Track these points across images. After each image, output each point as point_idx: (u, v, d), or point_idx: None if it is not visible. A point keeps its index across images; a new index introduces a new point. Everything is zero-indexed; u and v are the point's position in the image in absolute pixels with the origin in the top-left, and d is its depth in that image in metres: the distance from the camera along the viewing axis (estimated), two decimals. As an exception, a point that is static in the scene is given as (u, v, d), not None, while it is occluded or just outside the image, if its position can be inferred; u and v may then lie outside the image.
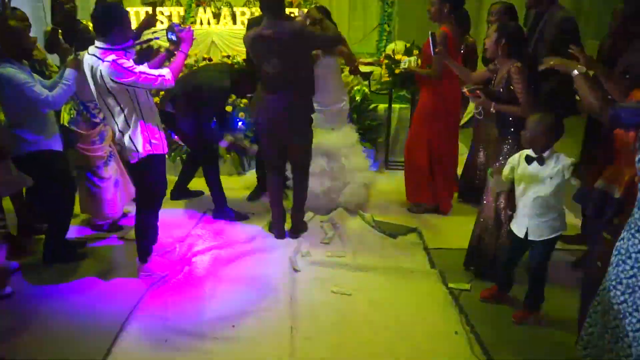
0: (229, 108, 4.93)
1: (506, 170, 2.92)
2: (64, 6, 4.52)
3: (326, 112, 4.23)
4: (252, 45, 3.60)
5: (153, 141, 3.15)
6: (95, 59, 2.95)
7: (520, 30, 3.21)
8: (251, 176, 5.02)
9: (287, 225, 4.04)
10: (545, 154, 2.71)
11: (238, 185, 5.02)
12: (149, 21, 3.59)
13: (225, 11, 6.17)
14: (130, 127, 3.07)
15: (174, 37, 3.21)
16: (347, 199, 4.35)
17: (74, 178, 3.81)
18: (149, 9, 6.33)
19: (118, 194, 4.04)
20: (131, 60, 3.00)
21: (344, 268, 3.57)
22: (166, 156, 4.82)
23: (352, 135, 4.46)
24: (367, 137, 5.20)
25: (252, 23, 4.28)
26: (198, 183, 4.71)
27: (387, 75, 5.41)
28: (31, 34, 3.88)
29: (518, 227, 2.90)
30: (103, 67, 2.89)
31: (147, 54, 3.70)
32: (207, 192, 4.49)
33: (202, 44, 6.26)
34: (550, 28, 3.66)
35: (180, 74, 3.40)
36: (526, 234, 2.84)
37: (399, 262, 3.65)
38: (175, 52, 3.25)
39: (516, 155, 2.89)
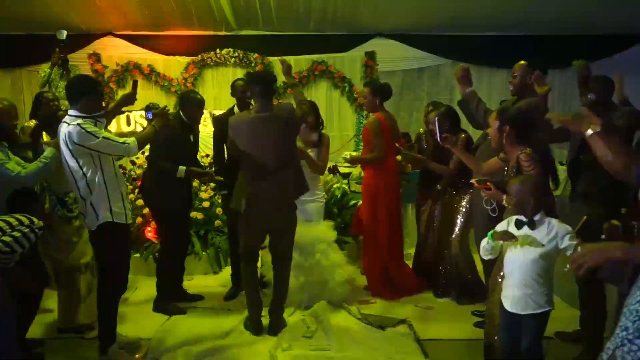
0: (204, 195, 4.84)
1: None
2: (48, 103, 4.53)
3: (302, 205, 4.10)
4: (241, 129, 3.51)
5: (115, 209, 3.04)
6: (64, 125, 2.97)
7: (522, 112, 3.04)
8: (227, 274, 4.73)
9: (264, 321, 3.71)
10: (537, 218, 2.54)
11: (214, 283, 4.73)
12: (129, 98, 3.60)
13: (205, 115, 6.28)
14: (92, 193, 2.99)
15: (150, 116, 3.25)
16: (329, 294, 4.09)
17: (43, 271, 3.53)
18: (131, 114, 6.45)
19: None
20: (99, 127, 2.99)
21: (329, 361, 3.24)
22: (137, 255, 4.71)
23: (329, 232, 4.29)
24: (347, 232, 5.06)
25: (219, 119, 4.33)
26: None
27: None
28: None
29: (505, 299, 2.64)
30: (68, 130, 2.91)
31: None
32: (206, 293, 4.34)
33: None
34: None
35: None
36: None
37: (390, 354, 3.33)
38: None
39: (504, 222, 2.72)
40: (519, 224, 2.58)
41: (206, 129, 6.61)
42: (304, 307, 4.02)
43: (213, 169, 5.30)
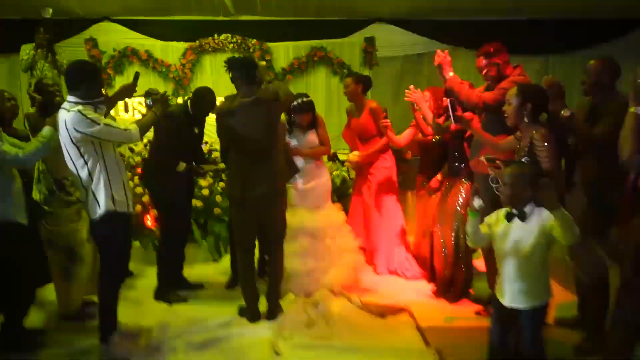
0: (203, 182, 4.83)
1: (483, 227, 2.65)
2: (47, 88, 4.47)
3: (307, 190, 4.12)
4: (228, 118, 3.47)
5: (117, 198, 3.01)
6: (63, 111, 2.92)
7: (543, 91, 2.95)
8: (228, 262, 4.71)
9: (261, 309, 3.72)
10: (527, 209, 2.47)
11: (214, 271, 4.72)
12: (128, 90, 3.58)
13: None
14: (93, 181, 2.96)
15: (150, 102, 3.23)
16: (332, 280, 4.09)
17: (41, 257, 3.52)
18: (128, 100, 6.39)
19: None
20: (99, 114, 2.97)
21: (331, 350, 3.26)
22: (137, 243, 4.70)
23: (337, 215, 4.31)
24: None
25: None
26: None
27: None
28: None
29: (500, 293, 2.59)
30: (68, 117, 2.87)
31: None
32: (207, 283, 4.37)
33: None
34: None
35: None
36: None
37: (391, 342, 3.34)
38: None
39: (493, 214, 2.65)
40: (509, 217, 2.51)
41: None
42: (305, 294, 4.01)
43: (213, 155, 5.33)
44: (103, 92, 3.34)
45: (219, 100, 5.86)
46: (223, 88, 8.03)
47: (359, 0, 7.62)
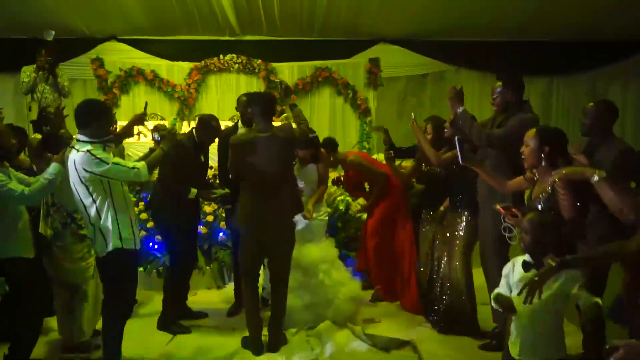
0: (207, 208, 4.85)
1: (502, 287, 2.54)
2: (50, 116, 4.51)
3: (306, 223, 4.12)
4: (243, 149, 3.52)
5: (124, 235, 3.03)
6: (73, 151, 2.96)
7: (563, 134, 2.84)
8: (231, 289, 4.71)
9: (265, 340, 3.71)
10: (546, 260, 2.33)
11: (217, 299, 4.73)
12: (140, 118, 3.60)
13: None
14: (101, 219, 2.99)
15: (157, 137, 3.26)
16: (335, 313, 4.09)
17: (48, 290, 3.53)
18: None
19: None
20: (108, 153, 3.02)
21: (334, 385, 3.25)
22: (141, 269, 4.72)
23: (331, 250, 4.32)
24: (352, 246, 5.06)
25: (224, 134, 4.32)
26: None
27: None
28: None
29: (512, 345, 2.51)
30: (77, 157, 2.91)
31: None
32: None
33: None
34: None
35: None
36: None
37: (395, 378, 3.34)
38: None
39: (509, 263, 2.59)
40: (526, 267, 2.44)
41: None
42: (308, 328, 4.00)
43: (217, 181, 5.33)
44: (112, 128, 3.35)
45: (223, 124, 5.97)
46: (228, 108, 8.07)
47: (364, 21, 7.66)
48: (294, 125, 3.73)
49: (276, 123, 4.47)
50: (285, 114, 7.70)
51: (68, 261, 3.55)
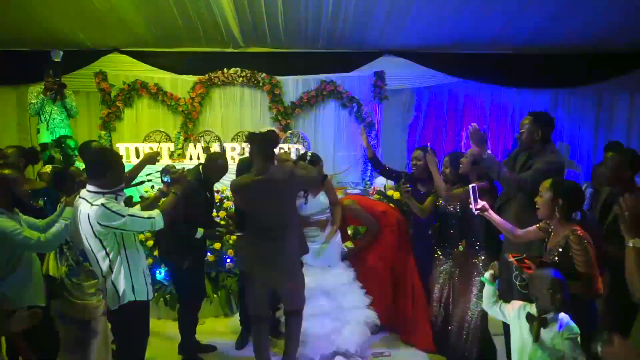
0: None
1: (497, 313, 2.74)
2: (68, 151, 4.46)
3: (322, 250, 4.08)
4: (242, 192, 3.50)
5: (136, 287, 2.99)
6: (84, 202, 2.89)
7: (579, 189, 2.84)
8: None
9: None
10: (549, 316, 2.44)
11: (225, 328, 4.70)
12: (152, 157, 3.55)
13: (215, 146, 6.23)
14: (113, 272, 2.94)
15: (168, 179, 3.20)
16: (346, 339, 4.06)
17: (55, 335, 3.49)
18: (140, 145, 6.35)
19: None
20: (121, 203, 2.97)
21: None
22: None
23: (347, 273, 4.29)
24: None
25: (243, 164, 4.27)
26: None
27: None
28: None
29: None
30: (91, 211, 2.83)
31: None
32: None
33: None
34: None
35: None
36: None
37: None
38: (168, 194, 3.26)
39: (516, 308, 2.64)
40: (530, 319, 2.50)
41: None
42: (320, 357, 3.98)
43: (225, 204, 5.30)
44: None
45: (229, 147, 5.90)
46: (232, 122, 8.06)
47: (369, 34, 7.59)
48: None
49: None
50: (290, 131, 7.66)
51: (80, 298, 3.49)
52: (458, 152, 4.14)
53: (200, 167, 4.01)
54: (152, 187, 4.42)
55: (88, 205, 2.87)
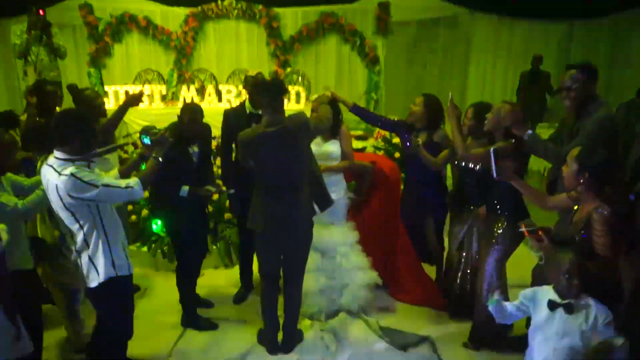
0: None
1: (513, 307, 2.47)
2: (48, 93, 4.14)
3: None
4: (253, 146, 3.19)
5: (117, 262, 2.72)
6: (51, 171, 2.55)
7: (608, 162, 2.55)
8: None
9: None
10: (576, 302, 2.25)
11: (224, 281, 4.55)
12: (135, 99, 3.26)
13: (210, 88, 5.86)
14: (89, 247, 2.65)
15: (148, 142, 2.86)
16: (348, 300, 3.92)
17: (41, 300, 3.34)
18: (129, 89, 6.00)
19: None
20: (95, 171, 2.64)
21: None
22: (145, 249, 4.53)
23: (351, 233, 4.06)
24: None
25: (229, 114, 3.97)
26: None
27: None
28: None
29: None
30: (60, 182, 2.51)
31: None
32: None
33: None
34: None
35: None
36: None
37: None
38: (149, 157, 2.87)
39: (529, 291, 2.45)
40: (552, 306, 2.30)
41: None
42: (323, 315, 3.86)
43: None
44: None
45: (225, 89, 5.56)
46: (227, 58, 7.66)
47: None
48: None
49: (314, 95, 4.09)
50: (289, 69, 7.27)
51: (70, 263, 3.33)
52: (484, 104, 3.71)
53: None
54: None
55: (56, 174, 2.53)
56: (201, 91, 6.01)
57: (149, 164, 2.84)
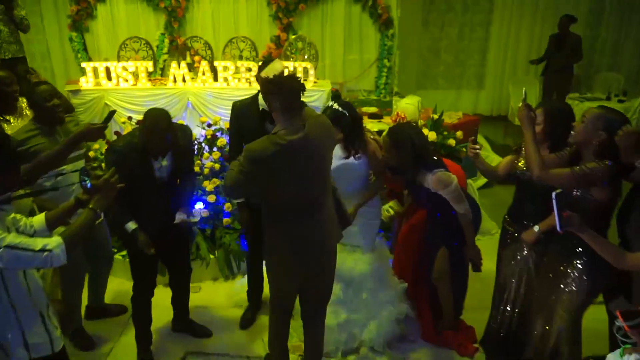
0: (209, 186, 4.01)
1: None
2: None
3: (354, 225, 3.15)
4: (267, 165, 2.46)
5: (32, 341, 2.11)
6: None
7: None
8: (242, 286, 4.01)
9: None
10: None
11: (225, 297, 4.00)
12: (92, 133, 2.67)
13: (204, 65, 5.10)
14: None
15: (88, 185, 2.20)
16: (372, 336, 3.39)
17: None
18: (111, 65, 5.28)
19: None
20: (4, 221, 2.01)
21: None
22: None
23: (383, 262, 3.47)
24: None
25: (238, 108, 3.30)
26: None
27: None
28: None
29: None
30: None
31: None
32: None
33: (176, 106, 5.23)
34: None
35: None
36: None
37: None
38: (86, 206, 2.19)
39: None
40: None
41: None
42: (340, 353, 3.36)
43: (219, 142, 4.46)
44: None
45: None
46: (224, 23, 6.85)
47: None
48: None
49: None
50: (294, 36, 6.48)
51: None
52: (556, 105, 2.99)
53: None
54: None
55: None
56: (193, 66, 5.28)
57: (83, 215, 2.14)
